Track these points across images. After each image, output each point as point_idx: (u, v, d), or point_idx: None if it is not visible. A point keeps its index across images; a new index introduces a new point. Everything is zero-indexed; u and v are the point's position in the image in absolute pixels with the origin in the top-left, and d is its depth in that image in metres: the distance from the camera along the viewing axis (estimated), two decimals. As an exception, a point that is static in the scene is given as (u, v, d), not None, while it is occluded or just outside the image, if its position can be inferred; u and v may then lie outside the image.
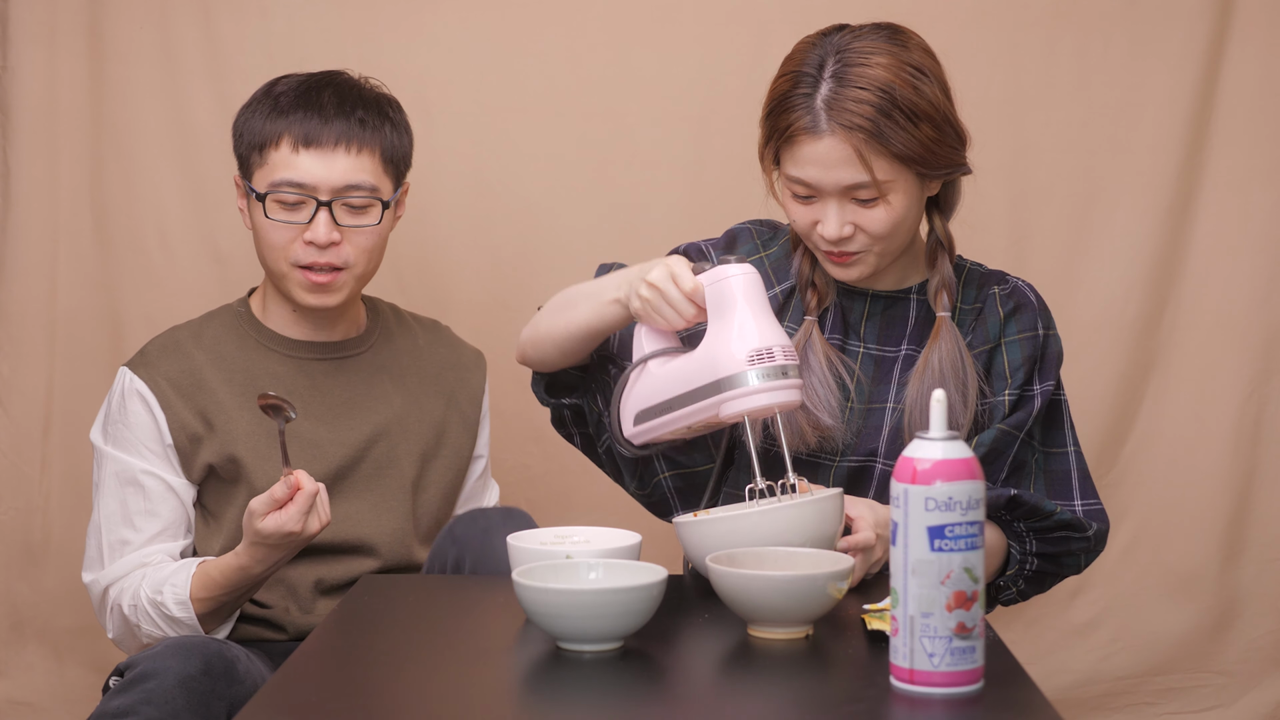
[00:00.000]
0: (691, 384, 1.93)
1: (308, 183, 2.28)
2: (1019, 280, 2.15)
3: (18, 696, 2.87)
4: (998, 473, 2.07)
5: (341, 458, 2.34)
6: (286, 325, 2.37)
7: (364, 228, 2.31)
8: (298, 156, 2.28)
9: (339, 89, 2.33)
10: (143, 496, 2.29)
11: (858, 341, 2.12)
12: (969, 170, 2.05)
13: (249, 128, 2.33)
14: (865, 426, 2.09)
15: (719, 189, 2.82)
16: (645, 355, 2.01)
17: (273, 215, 2.29)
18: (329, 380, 2.37)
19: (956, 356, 2.05)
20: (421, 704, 1.55)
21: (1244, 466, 2.94)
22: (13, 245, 2.85)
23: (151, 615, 2.23)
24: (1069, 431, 2.13)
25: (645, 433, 2.01)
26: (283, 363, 2.36)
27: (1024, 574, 2.09)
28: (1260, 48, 2.87)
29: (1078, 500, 2.10)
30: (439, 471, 2.41)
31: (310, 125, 2.29)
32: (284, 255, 2.30)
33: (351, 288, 2.33)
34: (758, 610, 1.70)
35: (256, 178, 2.31)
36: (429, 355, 2.45)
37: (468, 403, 2.45)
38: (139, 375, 2.32)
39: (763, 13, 2.85)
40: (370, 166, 2.31)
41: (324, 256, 2.29)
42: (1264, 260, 2.91)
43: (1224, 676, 2.96)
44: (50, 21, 2.82)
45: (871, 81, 1.96)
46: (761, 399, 1.88)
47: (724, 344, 1.90)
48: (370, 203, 2.31)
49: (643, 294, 1.97)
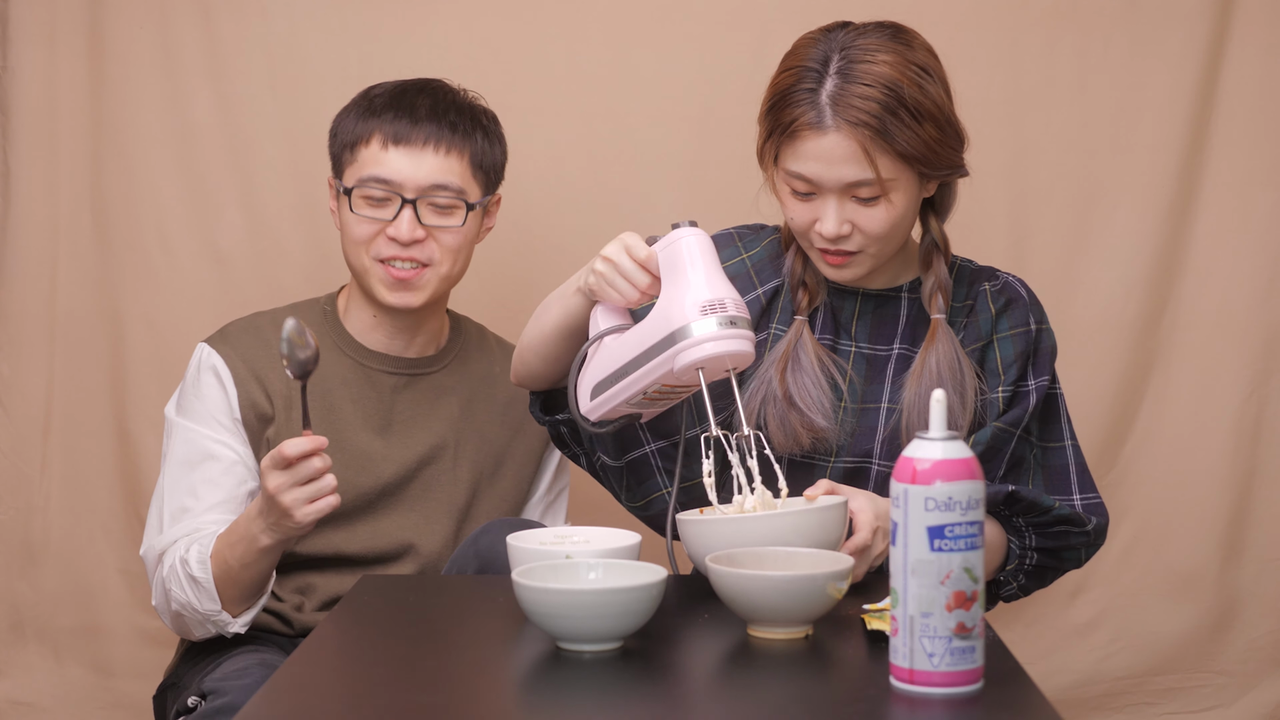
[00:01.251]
0: (645, 344, 1.92)
1: (394, 179, 2.29)
2: (1009, 276, 2.14)
3: (18, 696, 2.87)
4: (995, 470, 2.07)
5: (391, 474, 2.34)
6: (365, 330, 2.38)
7: (449, 228, 2.31)
8: (386, 154, 2.30)
9: (433, 93, 2.35)
10: (208, 465, 2.28)
11: (849, 341, 2.11)
12: (966, 172, 2.05)
13: (342, 128, 2.35)
14: (859, 427, 2.09)
15: (719, 189, 2.82)
16: (601, 332, 1.99)
17: (358, 210, 2.31)
18: (395, 395, 2.37)
19: (954, 359, 2.05)
20: (421, 704, 1.55)
21: (1244, 466, 2.94)
22: (13, 245, 2.85)
23: (180, 576, 2.21)
24: (1065, 425, 2.12)
25: (601, 405, 1.98)
26: (354, 369, 2.36)
27: (1024, 569, 2.09)
28: (1260, 48, 2.87)
29: (1076, 494, 2.10)
30: (493, 499, 2.41)
31: (400, 125, 2.31)
32: (366, 249, 2.31)
33: (435, 288, 2.33)
34: (758, 610, 1.70)
35: (346, 175, 2.33)
36: (503, 383, 2.44)
37: (535, 434, 2.44)
38: (216, 349, 2.33)
39: (763, 13, 2.85)
40: (458, 169, 2.32)
41: (406, 252, 2.30)
42: (1264, 260, 2.91)
43: (1224, 676, 2.96)
44: (50, 21, 2.83)
45: (877, 79, 1.96)
46: (713, 347, 1.86)
47: (675, 300, 1.89)
48: (456, 204, 2.32)
49: (597, 268, 1.96)
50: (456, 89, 2.39)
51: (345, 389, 2.34)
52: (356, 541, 2.33)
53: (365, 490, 2.33)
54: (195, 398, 2.32)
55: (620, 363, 1.95)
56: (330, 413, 2.33)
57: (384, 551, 2.33)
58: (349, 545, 2.32)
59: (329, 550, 2.32)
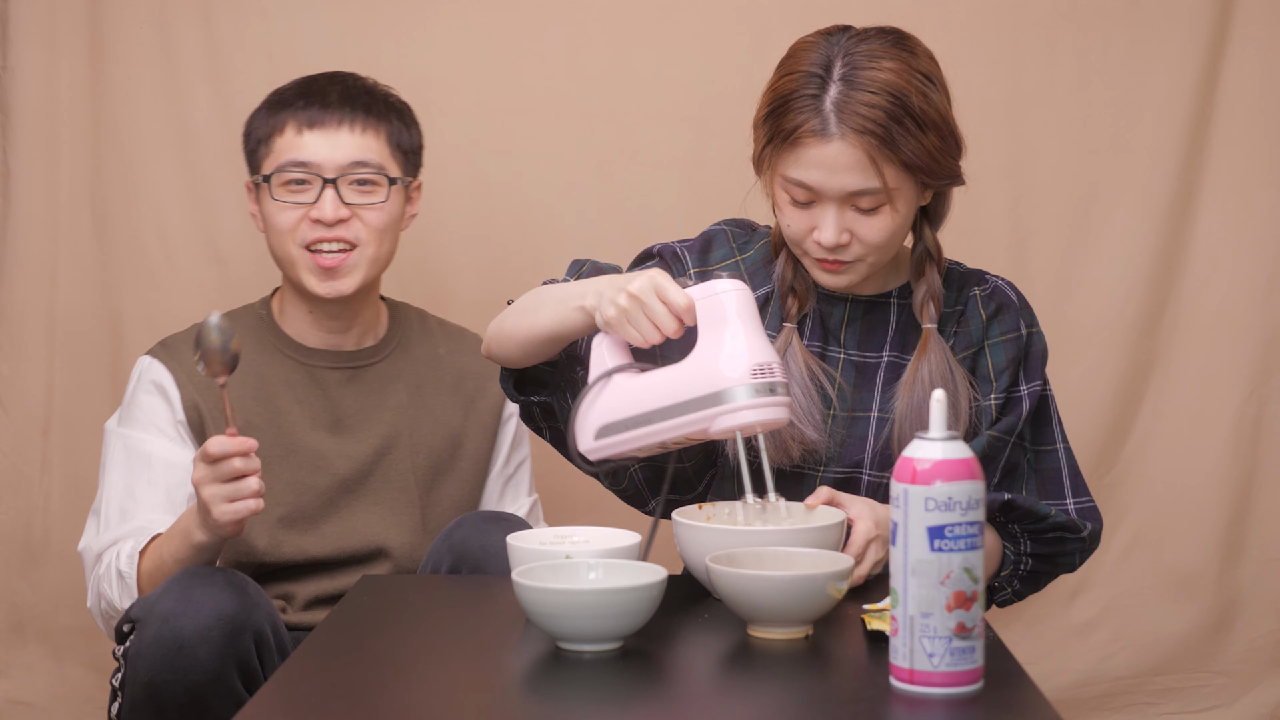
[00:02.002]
0: (679, 397, 1.87)
1: (312, 161, 2.29)
2: (999, 279, 2.12)
3: (18, 696, 2.87)
4: (990, 477, 2.06)
5: (347, 470, 2.33)
6: (304, 330, 2.36)
7: (373, 205, 2.30)
8: (301, 138, 2.30)
9: (343, 81, 2.35)
10: (145, 468, 2.27)
11: (838, 347, 2.10)
12: (963, 181, 2.03)
13: (254, 125, 2.35)
14: (849, 436, 2.07)
15: (719, 189, 2.82)
16: (610, 369, 1.95)
17: (278, 196, 2.30)
18: (340, 390, 2.35)
19: (945, 368, 2.03)
20: (421, 704, 1.55)
21: (1244, 466, 2.94)
22: (13, 245, 2.85)
23: (111, 573, 2.19)
24: (1057, 428, 2.11)
25: (608, 447, 1.94)
26: (297, 370, 2.34)
27: (1019, 574, 2.09)
28: (1260, 48, 2.87)
29: (1070, 499, 2.09)
30: (453, 482, 2.39)
31: (313, 110, 2.31)
32: (292, 237, 2.30)
33: (365, 272, 2.31)
34: (758, 610, 1.70)
35: (264, 166, 2.32)
36: (449, 363, 2.43)
37: (487, 411, 2.43)
38: (158, 359, 2.31)
39: (763, 13, 2.85)
40: (375, 146, 2.32)
41: (332, 233, 2.29)
42: (1264, 260, 2.91)
43: (1224, 676, 2.96)
44: (50, 21, 2.83)
45: (883, 86, 1.93)
46: (757, 414, 1.84)
47: (719, 358, 1.85)
48: (377, 179, 2.31)
49: (621, 303, 1.90)
50: (366, 78, 2.39)
51: (290, 390, 2.33)
52: (326, 544, 2.31)
53: (324, 490, 2.31)
54: (136, 407, 2.30)
55: (642, 409, 1.91)
56: (278, 416, 2.32)
57: (355, 551, 2.32)
58: (319, 549, 2.31)
59: (300, 556, 2.30)
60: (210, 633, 1.92)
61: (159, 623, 1.94)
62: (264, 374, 2.33)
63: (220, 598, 1.94)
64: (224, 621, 1.93)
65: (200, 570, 2.01)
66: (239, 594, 1.96)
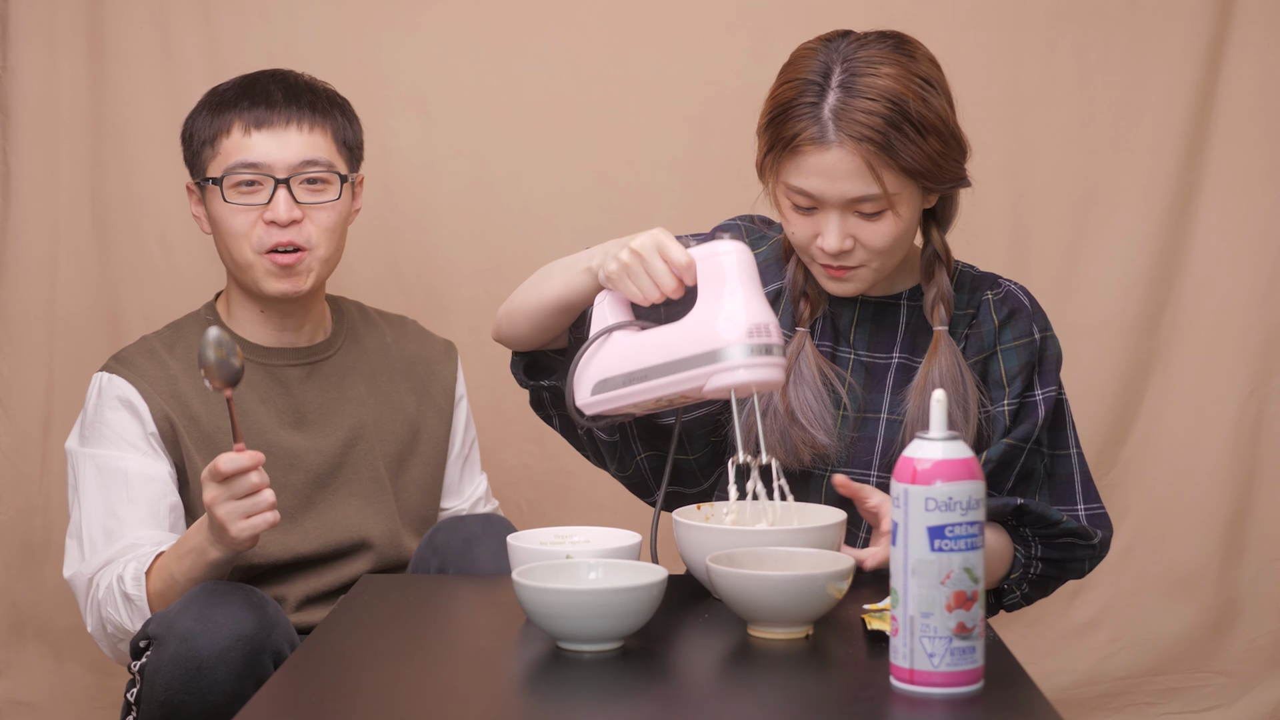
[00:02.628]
0: (674, 354, 1.88)
1: (263, 162, 2.26)
2: (1011, 284, 2.12)
3: (18, 696, 2.87)
4: (1003, 483, 2.05)
5: (320, 465, 2.32)
6: (255, 330, 2.34)
7: (325, 204, 2.29)
8: (250, 139, 2.26)
9: (283, 79, 2.33)
10: (123, 485, 2.22)
11: (848, 348, 2.10)
12: (969, 183, 2.03)
13: (196, 127, 2.31)
14: (859, 437, 2.08)
15: (719, 189, 2.82)
16: (610, 326, 1.96)
17: (231, 199, 2.26)
18: (302, 386, 2.34)
19: (955, 371, 2.03)
20: (421, 704, 1.55)
21: (1244, 466, 2.94)
22: (13, 245, 2.85)
23: (115, 596, 2.14)
24: (1071, 433, 2.11)
25: (603, 403, 1.95)
26: (255, 370, 2.32)
27: (1028, 578, 2.08)
28: (1260, 48, 2.87)
29: (1081, 505, 2.08)
30: (418, 468, 2.39)
31: (259, 110, 2.28)
32: (247, 242, 2.27)
33: (318, 272, 2.30)
34: (758, 610, 1.70)
35: (210, 169, 2.29)
36: (397, 351, 2.43)
37: (440, 394, 2.43)
38: (118, 374, 2.26)
39: (763, 13, 2.85)
40: (324, 144, 2.30)
41: (286, 235, 2.26)
42: (1264, 260, 2.91)
43: (1224, 676, 2.96)
44: (50, 21, 2.83)
45: (881, 92, 1.93)
46: (752, 374, 1.84)
47: (716, 317, 1.86)
48: (328, 178, 2.30)
49: (622, 258, 1.92)
50: (304, 75, 2.36)
51: (252, 391, 2.30)
52: (310, 539, 2.29)
53: (299, 486, 2.30)
54: (101, 424, 2.24)
55: (637, 365, 1.92)
56: (244, 418, 2.29)
57: (340, 544, 2.30)
58: (304, 545, 2.29)
59: (287, 555, 2.28)
60: (229, 653, 1.91)
61: (178, 642, 1.92)
62: None
63: (240, 617, 1.93)
64: (243, 642, 1.92)
65: (219, 587, 1.98)
66: (258, 613, 1.95)
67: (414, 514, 2.38)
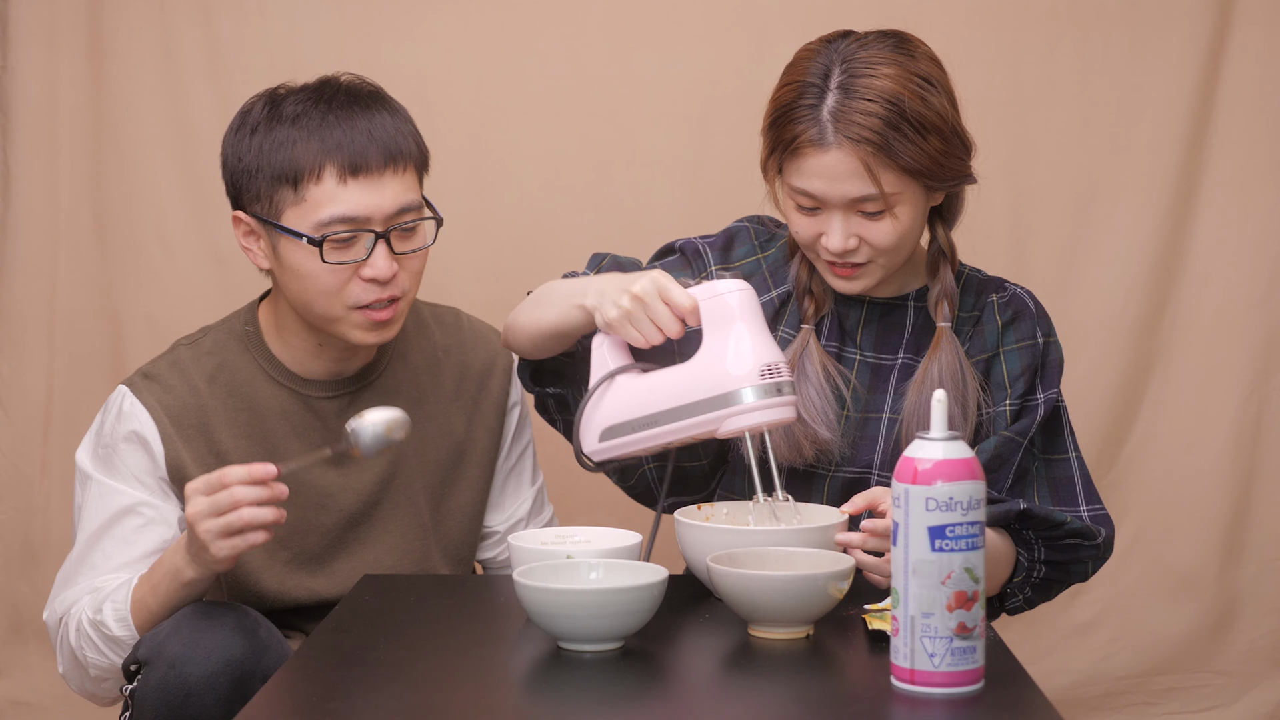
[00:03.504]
0: (686, 398, 1.88)
1: (360, 215, 2.02)
2: (1017, 287, 2.12)
3: (18, 696, 2.87)
4: (1002, 480, 2.05)
5: (354, 504, 2.16)
6: (304, 359, 2.14)
7: (419, 251, 2.09)
8: (346, 189, 2.02)
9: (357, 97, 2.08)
10: (122, 523, 2.08)
11: (854, 349, 2.10)
12: (974, 180, 2.02)
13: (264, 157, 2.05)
14: (861, 437, 2.08)
15: (719, 189, 2.82)
16: (612, 371, 1.95)
17: (330, 259, 2.02)
18: (340, 419, 2.11)
19: (956, 367, 2.03)
20: (421, 704, 1.55)
21: (1244, 466, 2.94)
22: (13, 245, 2.85)
23: (94, 640, 2.03)
24: (1069, 438, 2.11)
25: (612, 449, 1.95)
26: (292, 400, 2.14)
27: (1031, 581, 2.07)
28: (1260, 48, 2.87)
29: (1083, 506, 2.08)
30: (465, 492, 2.24)
31: (354, 151, 2.02)
32: (339, 299, 2.05)
33: (405, 316, 2.13)
34: (758, 610, 1.70)
35: (290, 216, 2.03)
36: (446, 365, 2.24)
37: (491, 411, 2.26)
38: (140, 399, 2.09)
39: (763, 13, 2.85)
40: (413, 184, 2.08)
41: (386, 291, 2.05)
42: (1264, 260, 2.91)
43: (1224, 676, 2.96)
44: (50, 21, 2.83)
45: (879, 93, 1.93)
46: (765, 415, 1.86)
47: (727, 359, 1.87)
48: (421, 222, 2.09)
49: (623, 304, 1.91)
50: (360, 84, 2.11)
51: (286, 422, 2.13)
52: (337, 583, 2.16)
53: (330, 527, 2.15)
54: (114, 452, 2.08)
55: (647, 410, 1.91)
56: (276, 453, 2.11)
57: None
58: (331, 589, 2.15)
59: (311, 599, 2.16)
60: (217, 679, 1.86)
61: (166, 667, 1.88)
62: (257, 409, 2.13)
63: (229, 642, 1.88)
64: (232, 667, 1.87)
65: (211, 609, 1.92)
66: (248, 638, 1.89)
67: (455, 543, 2.24)
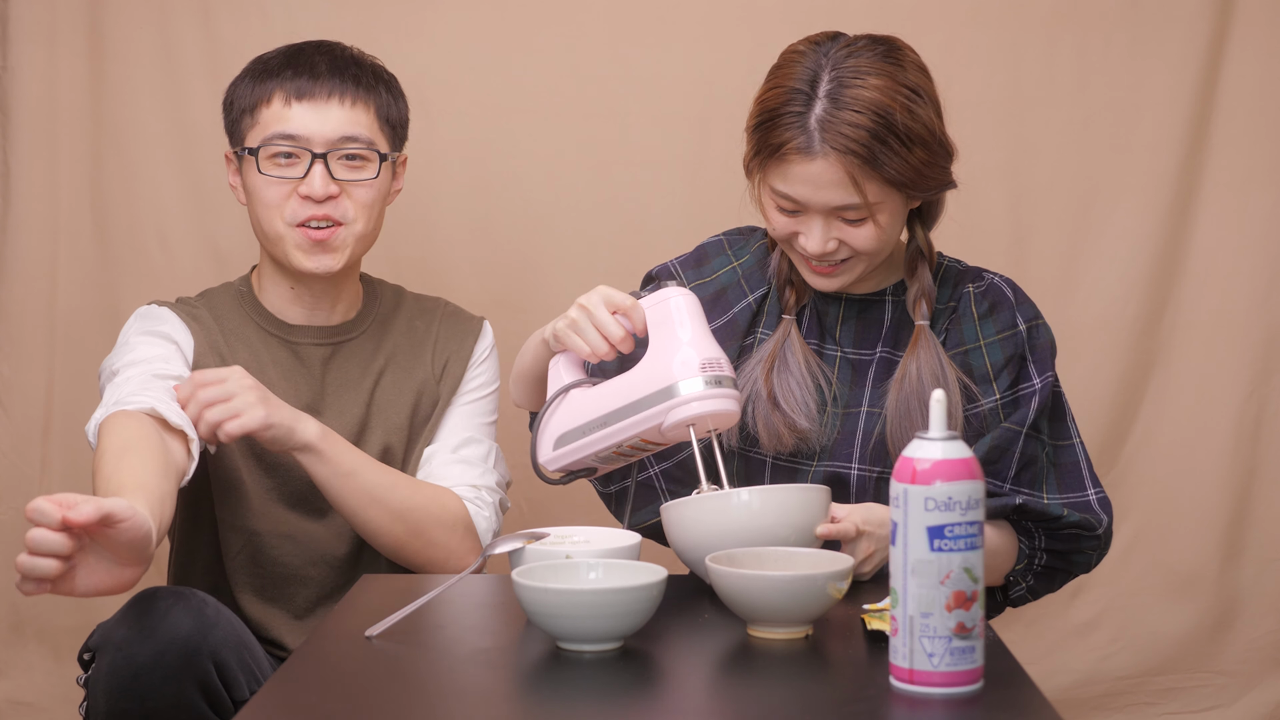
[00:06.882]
0: (631, 397, 1.92)
1: (301, 134, 2.23)
2: (995, 276, 2.12)
3: (18, 696, 2.88)
4: (1005, 470, 2.05)
5: None
6: (284, 306, 2.31)
7: (362, 182, 2.25)
8: (290, 110, 2.23)
9: (330, 51, 2.30)
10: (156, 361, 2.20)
11: (834, 345, 2.11)
12: (955, 185, 2.03)
13: (238, 95, 2.29)
14: (841, 431, 2.08)
15: (719, 189, 2.82)
16: (566, 385, 2.00)
17: (266, 171, 2.24)
18: (324, 367, 2.31)
19: (936, 365, 2.03)
20: (421, 704, 1.55)
21: (1244, 466, 2.94)
22: (13, 245, 2.85)
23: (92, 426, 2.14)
24: (1071, 423, 2.11)
25: (566, 455, 1.99)
26: (281, 347, 2.30)
27: (1033, 569, 2.08)
28: (1260, 48, 2.87)
29: (1090, 490, 2.08)
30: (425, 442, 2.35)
31: (301, 80, 2.25)
32: (279, 213, 2.24)
33: (352, 249, 2.27)
34: (758, 610, 1.70)
35: (249, 138, 2.26)
36: (425, 335, 2.39)
37: (457, 366, 2.37)
38: (177, 314, 2.27)
39: (763, 13, 2.85)
40: (365, 121, 2.26)
41: (321, 210, 2.23)
42: (1264, 260, 2.92)
43: (1224, 676, 2.96)
44: (50, 21, 2.83)
45: (867, 105, 1.93)
46: (707, 405, 1.88)
47: (668, 357, 1.91)
48: (367, 155, 2.26)
49: (570, 314, 1.96)
50: (352, 48, 2.33)
51: (276, 368, 2.28)
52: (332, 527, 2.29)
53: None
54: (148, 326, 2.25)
55: (595, 414, 1.96)
56: None
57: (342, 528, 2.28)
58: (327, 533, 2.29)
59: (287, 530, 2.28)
60: (164, 657, 1.90)
61: (114, 651, 1.93)
62: (251, 349, 2.29)
63: (176, 622, 1.92)
64: (178, 644, 1.90)
65: (158, 593, 1.96)
66: (195, 616, 1.93)
67: None
